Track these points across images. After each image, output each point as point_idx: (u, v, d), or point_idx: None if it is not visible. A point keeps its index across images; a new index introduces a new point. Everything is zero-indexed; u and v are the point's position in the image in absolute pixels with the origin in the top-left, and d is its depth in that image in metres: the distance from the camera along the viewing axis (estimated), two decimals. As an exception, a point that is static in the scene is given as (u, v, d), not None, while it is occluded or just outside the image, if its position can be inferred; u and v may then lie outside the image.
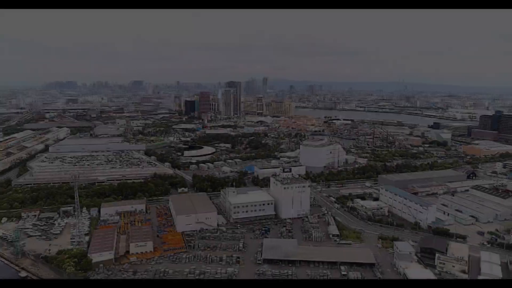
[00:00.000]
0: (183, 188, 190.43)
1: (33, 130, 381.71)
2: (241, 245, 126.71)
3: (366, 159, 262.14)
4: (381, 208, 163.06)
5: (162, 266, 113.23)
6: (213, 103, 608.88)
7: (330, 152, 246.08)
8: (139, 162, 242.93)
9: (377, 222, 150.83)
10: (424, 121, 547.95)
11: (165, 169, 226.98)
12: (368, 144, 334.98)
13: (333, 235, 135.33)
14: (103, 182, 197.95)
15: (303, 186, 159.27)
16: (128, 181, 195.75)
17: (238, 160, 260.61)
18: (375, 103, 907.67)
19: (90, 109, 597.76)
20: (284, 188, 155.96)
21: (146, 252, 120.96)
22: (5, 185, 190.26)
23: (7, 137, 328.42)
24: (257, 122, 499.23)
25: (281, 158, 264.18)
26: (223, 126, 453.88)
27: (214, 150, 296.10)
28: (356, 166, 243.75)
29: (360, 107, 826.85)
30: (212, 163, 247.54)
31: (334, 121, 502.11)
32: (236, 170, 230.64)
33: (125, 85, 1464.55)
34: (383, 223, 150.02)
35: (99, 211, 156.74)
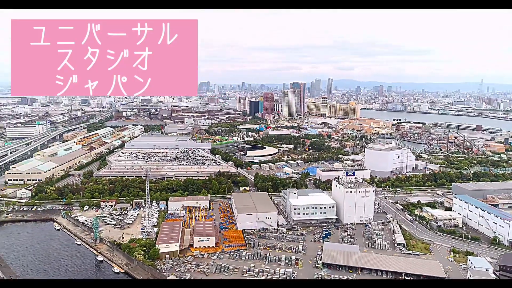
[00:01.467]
0: (245, 187, 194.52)
1: (112, 127, 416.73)
2: (300, 247, 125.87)
3: (438, 166, 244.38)
4: (454, 219, 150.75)
5: (223, 261, 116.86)
6: (277, 103, 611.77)
7: (398, 157, 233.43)
8: (204, 160, 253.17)
9: (449, 234, 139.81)
10: (508, 125, 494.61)
11: (229, 167, 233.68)
12: (441, 150, 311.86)
13: (399, 244, 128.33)
14: (171, 177, 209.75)
15: (367, 191, 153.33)
16: (194, 177, 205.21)
17: (300, 161, 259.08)
18: (451, 106, 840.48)
19: (162, 108, 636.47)
20: (347, 192, 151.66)
21: (208, 246, 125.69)
22: (88, 176, 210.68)
23: (90, 133, 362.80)
24: (321, 123, 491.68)
25: (344, 161, 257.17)
26: (286, 127, 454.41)
27: (276, 150, 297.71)
28: (427, 172, 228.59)
29: (433, 109, 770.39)
30: (274, 164, 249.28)
31: (403, 124, 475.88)
32: (297, 171, 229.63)
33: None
34: (456, 235, 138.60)
35: (166, 205, 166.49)
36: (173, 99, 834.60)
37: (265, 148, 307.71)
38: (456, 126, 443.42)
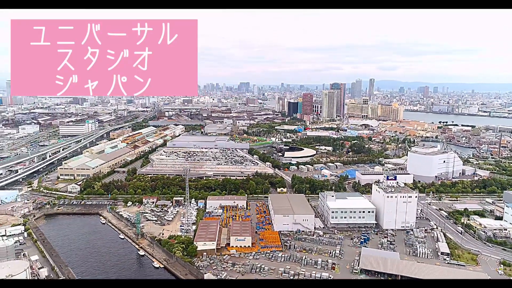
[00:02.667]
0: (282, 188, 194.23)
1: (155, 126, 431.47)
2: (337, 251, 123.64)
3: (488, 172, 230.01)
4: (505, 229, 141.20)
5: (259, 262, 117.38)
6: (316, 105, 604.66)
7: (444, 161, 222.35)
8: (242, 160, 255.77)
9: (499, 245, 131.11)
10: None
11: (266, 168, 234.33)
12: (492, 155, 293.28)
13: (443, 253, 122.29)
14: (210, 176, 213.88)
15: (409, 196, 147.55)
16: (232, 177, 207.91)
17: (339, 164, 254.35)
18: (504, 107, 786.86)
19: (202, 109, 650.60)
20: (388, 196, 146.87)
21: (244, 246, 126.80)
22: (132, 173, 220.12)
23: (135, 132, 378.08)
24: (361, 125, 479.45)
25: (385, 165, 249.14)
26: (325, 129, 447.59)
27: (314, 152, 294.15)
28: (476, 178, 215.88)
29: (484, 111, 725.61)
30: (312, 165, 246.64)
31: (450, 126, 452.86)
32: (336, 174, 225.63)
33: (233, 86, 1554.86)
34: (507, 246, 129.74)
35: (205, 204, 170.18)
36: (213, 99, 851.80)
37: (303, 149, 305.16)
38: (510, 129, 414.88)
